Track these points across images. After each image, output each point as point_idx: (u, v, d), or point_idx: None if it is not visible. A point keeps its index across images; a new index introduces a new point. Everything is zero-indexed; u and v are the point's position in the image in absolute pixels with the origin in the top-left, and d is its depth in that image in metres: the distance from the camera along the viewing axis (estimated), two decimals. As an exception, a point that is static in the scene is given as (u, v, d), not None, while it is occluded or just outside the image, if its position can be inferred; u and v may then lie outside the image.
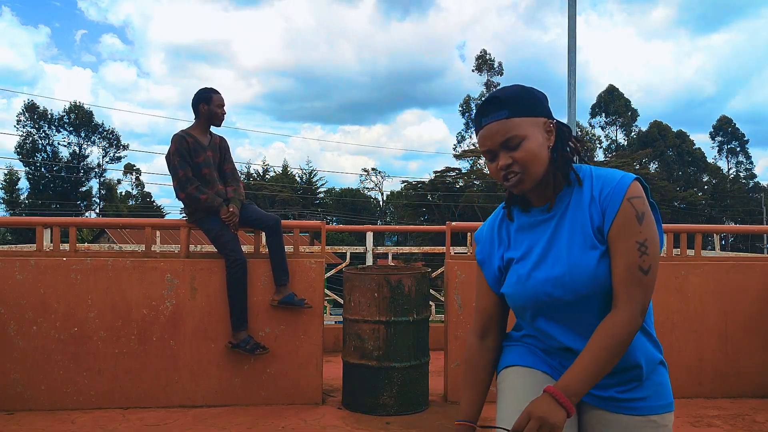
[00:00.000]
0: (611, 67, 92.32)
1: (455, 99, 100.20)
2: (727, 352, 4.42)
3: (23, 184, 45.76)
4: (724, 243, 43.53)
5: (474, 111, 1.56)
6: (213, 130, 4.35)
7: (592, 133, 54.68)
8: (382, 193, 57.19)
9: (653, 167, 52.99)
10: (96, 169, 48.38)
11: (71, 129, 47.05)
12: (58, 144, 46.99)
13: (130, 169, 51.35)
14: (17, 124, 45.74)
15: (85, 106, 47.82)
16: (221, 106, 4.23)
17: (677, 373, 3.39)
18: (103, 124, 48.49)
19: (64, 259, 4.11)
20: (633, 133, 55.41)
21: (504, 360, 1.66)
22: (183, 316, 4.13)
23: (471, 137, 48.53)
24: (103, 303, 4.07)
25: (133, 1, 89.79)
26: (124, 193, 51.97)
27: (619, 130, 55.69)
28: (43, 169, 46.10)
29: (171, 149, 4.11)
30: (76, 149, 47.32)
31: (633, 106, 55.65)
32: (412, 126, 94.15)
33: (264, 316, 4.17)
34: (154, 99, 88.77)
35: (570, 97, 7.26)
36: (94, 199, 48.28)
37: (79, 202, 45.86)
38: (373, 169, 64.71)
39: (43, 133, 46.22)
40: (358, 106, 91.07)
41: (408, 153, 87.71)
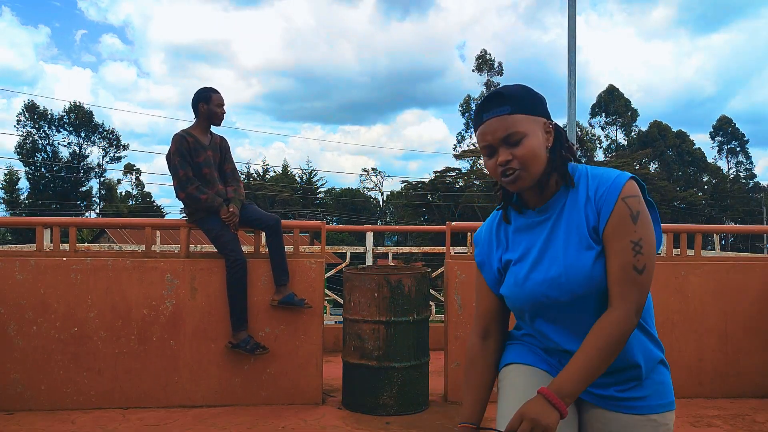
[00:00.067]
0: (611, 67, 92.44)
1: (455, 99, 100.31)
2: (727, 352, 4.42)
3: (23, 184, 45.84)
4: (724, 243, 43.51)
5: (474, 110, 1.55)
6: (213, 129, 4.35)
7: (592, 133, 54.61)
8: (382, 193, 57.25)
9: (653, 167, 52.95)
10: (96, 169, 48.39)
11: (71, 129, 47.03)
12: (58, 144, 47.04)
13: (130, 169, 51.36)
14: (17, 124, 45.78)
15: (85, 106, 47.86)
16: (221, 105, 4.23)
17: (677, 373, 3.37)
18: (103, 124, 48.57)
19: (64, 259, 4.11)
20: (633, 133, 55.35)
21: (505, 358, 1.66)
22: (183, 316, 4.13)
23: (471, 137, 48.43)
24: (103, 303, 4.08)
25: (133, 1, 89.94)
26: (124, 193, 51.99)
27: (619, 130, 55.63)
28: (43, 169, 46.07)
29: (171, 149, 4.11)
30: (76, 149, 47.32)
31: (633, 106, 55.61)
32: (412, 126, 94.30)
33: (264, 316, 4.17)
34: (154, 99, 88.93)
35: (570, 97, 7.25)
36: (94, 199, 48.28)
37: (79, 202, 45.84)
38: (373, 169, 64.75)
39: (43, 133, 46.22)
40: (358, 106, 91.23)
41: (408, 153, 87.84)
